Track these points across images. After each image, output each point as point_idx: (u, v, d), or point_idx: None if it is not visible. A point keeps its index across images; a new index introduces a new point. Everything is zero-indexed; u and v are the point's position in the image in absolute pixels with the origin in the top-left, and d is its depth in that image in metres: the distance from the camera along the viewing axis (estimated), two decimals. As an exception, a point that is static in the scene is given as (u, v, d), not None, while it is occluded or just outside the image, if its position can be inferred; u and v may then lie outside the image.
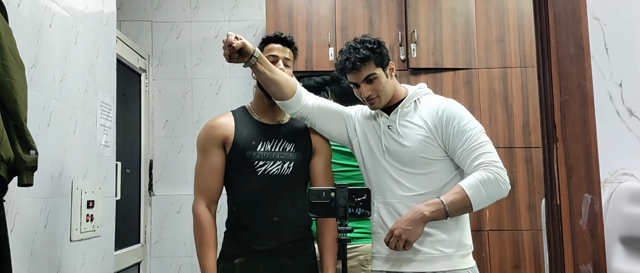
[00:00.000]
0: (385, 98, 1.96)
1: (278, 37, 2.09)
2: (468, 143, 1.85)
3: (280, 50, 2.07)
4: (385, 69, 1.96)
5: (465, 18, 3.23)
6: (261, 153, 1.97)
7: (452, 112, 1.91)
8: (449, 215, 1.80)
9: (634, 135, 1.39)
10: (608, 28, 1.41)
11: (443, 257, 1.87)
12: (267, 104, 2.05)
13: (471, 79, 3.19)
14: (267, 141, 1.99)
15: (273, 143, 1.99)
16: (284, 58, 2.06)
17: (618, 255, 1.32)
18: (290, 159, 1.99)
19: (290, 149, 2.00)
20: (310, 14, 3.29)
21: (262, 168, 1.96)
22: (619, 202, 1.35)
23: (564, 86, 1.38)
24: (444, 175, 1.90)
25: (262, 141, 1.98)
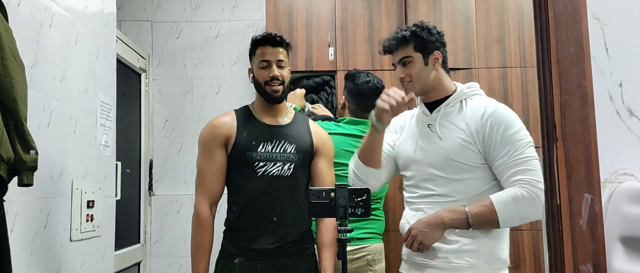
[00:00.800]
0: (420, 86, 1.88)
1: (267, 39, 2.03)
2: (510, 155, 1.72)
3: (271, 53, 2.02)
4: (427, 56, 1.88)
5: (465, 18, 3.23)
6: (261, 154, 1.96)
7: (499, 118, 1.78)
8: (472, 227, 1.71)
9: (634, 135, 1.39)
10: (608, 28, 1.41)
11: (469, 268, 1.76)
12: (267, 104, 2.04)
13: (471, 78, 3.18)
14: (267, 142, 1.98)
15: (274, 144, 1.99)
16: (277, 61, 2.02)
17: (618, 255, 1.32)
18: (291, 160, 1.99)
19: (291, 151, 2.00)
20: (310, 14, 3.29)
21: (262, 169, 1.96)
22: (619, 202, 1.35)
23: (564, 86, 1.37)
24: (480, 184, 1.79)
25: (262, 142, 1.98)
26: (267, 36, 2.03)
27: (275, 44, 2.03)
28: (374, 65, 3.22)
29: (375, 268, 2.45)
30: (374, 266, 2.45)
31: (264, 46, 2.03)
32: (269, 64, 2.01)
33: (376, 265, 2.46)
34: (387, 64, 3.22)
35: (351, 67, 3.20)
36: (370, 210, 1.65)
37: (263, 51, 2.02)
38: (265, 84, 2.01)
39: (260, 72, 2.02)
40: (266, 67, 2.01)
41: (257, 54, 2.04)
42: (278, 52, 2.03)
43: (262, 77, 2.02)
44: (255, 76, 2.05)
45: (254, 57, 2.06)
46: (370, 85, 2.60)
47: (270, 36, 2.03)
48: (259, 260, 1.96)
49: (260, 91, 2.05)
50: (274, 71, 2.00)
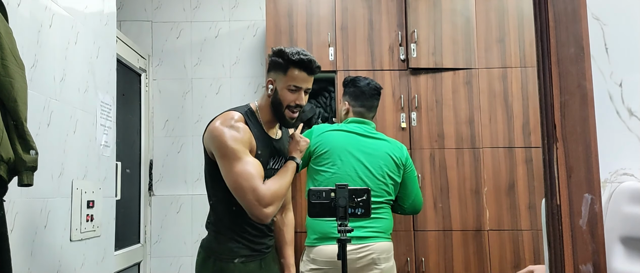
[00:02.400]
0: None
1: (307, 66, 1.92)
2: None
3: (305, 81, 1.94)
4: None
5: (465, 18, 3.23)
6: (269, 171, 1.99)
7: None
8: None
9: (634, 135, 1.39)
10: (608, 28, 1.41)
11: None
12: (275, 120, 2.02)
13: (471, 79, 3.19)
14: (273, 158, 2.02)
15: (275, 160, 2.03)
16: (306, 89, 1.96)
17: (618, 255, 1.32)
18: None
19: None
20: (310, 14, 3.29)
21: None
22: (619, 202, 1.35)
23: (564, 86, 1.37)
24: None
25: (270, 159, 2.01)
26: (307, 63, 1.92)
27: (311, 73, 1.95)
28: (374, 65, 3.22)
29: (381, 267, 2.45)
30: (380, 265, 2.45)
31: (300, 70, 1.93)
32: (299, 90, 1.94)
33: (382, 264, 2.46)
34: (387, 64, 3.22)
35: (351, 68, 3.20)
36: (370, 210, 1.65)
37: (297, 75, 1.92)
38: (286, 108, 1.95)
39: (287, 95, 1.94)
40: (294, 92, 1.94)
41: (288, 74, 1.93)
42: (311, 80, 1.97)
43: (286, 100, 1.94)
44: (279, 95, 1.95)
45: (283, 75, 1.94)
46: (371, 86, 2.68)
47: (312, 65, 1.93)
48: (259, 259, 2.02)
49: (277, 110, 1.96)
50: (302, 100, 1.95)
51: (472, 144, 3.14)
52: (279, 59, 1.95)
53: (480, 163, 3.12)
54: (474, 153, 3.13)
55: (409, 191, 2.65)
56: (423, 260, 3.05)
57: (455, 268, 3.05)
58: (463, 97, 3.17)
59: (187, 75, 3.73)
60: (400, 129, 3.16)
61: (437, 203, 3.11)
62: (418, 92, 3.19)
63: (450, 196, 3.11)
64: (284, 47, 1.96)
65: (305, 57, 1.91)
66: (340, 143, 2.54)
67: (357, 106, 2.66)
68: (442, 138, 3.15)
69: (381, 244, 2.47)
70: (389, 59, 3.23)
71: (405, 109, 3.17)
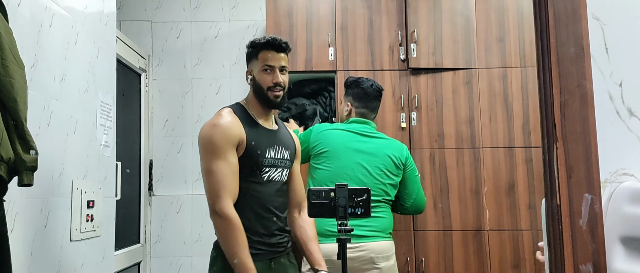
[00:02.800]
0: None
1: (272, 44, 1.99)
2: None
3: (275, 59, 2.00)
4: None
5: (465, 18, 3.23)
6: (268, 159, 2.00)
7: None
8: None
9: (634, 135, 1.39)
10: (608, 28, 1.41)
11: None
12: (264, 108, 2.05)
13: (471, 79, 3.19)
14: (270, 148, 2.02)
15: (275, 150, 2.03)
16: (280, 67, 2.01)
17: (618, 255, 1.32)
18: (287, 166, 2.08)
19: (287, 157, 2.07)
20: (310, 14, 3.29)
21: (266, 174, 2.00)
22: (619, 202, 1.35)
23: (564, 86, 1.37)
24: None
25: (268, 148, 2.01)
26: (272, 41, 1.99)
27: (280, 49, 2.00)
28: (374, 65, 3.22)
29: (380, 266, 2.45)
30: (379, 264, 2.45)
31: (268, 50, 1.99)
32: (273, 69, 1.99)
33: (381, 262, 2.46)
34: (387, 64, 3.22)
35: (351, 68, 3.20)
36: (370, 210, 1.65)
37: (266, 56, 1.99)
38: (267, 90, 2.00)
39: (263, 77, 2.00)
40: (269, 73, 1.99)
41: (259, 57, 2.01)
42: (282, 58, 2.01)
43: (264, 82, 2.00)
44: (257, 80, 2.02)
45: (255, 61, 2.03)
46: (374, 87, 2.71)
47: (276, 42, 1.99)
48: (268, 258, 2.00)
49: (260, 95, 2.02)
50: (278, 78, 1.99)
51: (472, 144, 3.14)
52: (250, 49, 2.04)
53: (480, 163, 3.12)
54: (474, 153, 3.13)
55: (410, 190, 2.65)
56: (423, 260, 3.05)
57: (455, 268, 3.05)
58: (463, 97, 3.17)
59: (187, 75, 3.73)
60: (400, 129, 3.16)
61: (437, 203, 3.11)
62: (418, 92, 3.19)
63: (450, 196, 3.11)
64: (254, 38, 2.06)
65: (271, 37, 1.99)
66: (340, 141, 2.55)
67: (360, 107, 2.67)
68: (442, 138, 3.15)
69: (379, 243, 2.46)
70: (389, 59, 3.22)
71: (405, 109, 3.17)
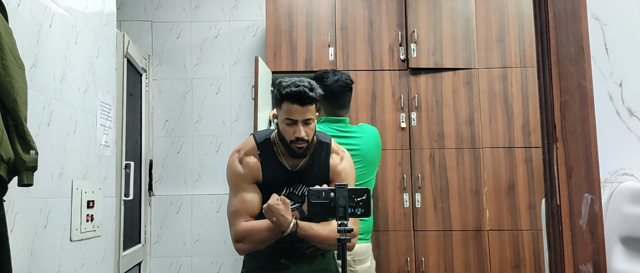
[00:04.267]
0: None
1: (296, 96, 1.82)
2: None
3: (299, 112, 1.84)
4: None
5: (465, 18, 3.23)
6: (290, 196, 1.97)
7: None
8: None
9: (634, 135, 1.39)
10: (608, 28, 1.41)
11: None
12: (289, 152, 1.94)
13: (471, 79, 3.19)
14: (289, 187, 1.97)
15: (295, 187, 1.98)
16: (303, 121, 1.86)
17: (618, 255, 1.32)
18: None
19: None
20: (310, 14, 3.29)
21: None
22: (619, 202, 1.35)
23: (564, 86, 1.37)
24: None
25: (285, 187, 1.97)
26: (297, 93, 1.81)
27: (304, 103, 1.83)
28: (374, 65, 3.22)
29: (355, 269, 2.45)
30: (355, 266, 2.45)
31: (292, 103, 1.83)
32: (296, 122, 1.86)
33: (358, 265, 2.46)
34: (387, 64, 3.22)
35: (351, 68, 3.21)
36: (370, 210, 1.65)
37: (290, 109, 1.84)
38: (290, 142, 1.89)
39: (286, 129, 1.88)
40: (292, 125, 1.87)
41: (283, 108, 1.87)
42: (307, 111, 1.85)
43: (287, 134, 1.88)
44: (281, 130, 1.92)
45: (279, 109, 1.90)
46: (340, 83, 2.56)
47: (301, 95, 1.82)
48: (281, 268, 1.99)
49: (284, 144, 1.92)
50: (301, 132, 1.85)
51: (472, 144, 3.14)
52: (276, 93, 1.91)
53: (480, 163, 3.12)
54: (474, 153, 3.13)
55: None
56: (423, 260, 3.05)
57: (455, 268, 3.05)
58: (463, 97, 3.17)
59: (187, 75, 3.73)
60: (400, 129, 3.16)
61: (437, 203, 3.11)
62: (418, 92, 3.19)
63: (450, 196, 3.11)
64: (283, 80, 1.89)
65: (296, 89, 1.82)
66: None
67: (326, 105, 2.55)
68: (442, 138, 3.15)
69: (359, 246, 2.46)
70: (389, 59, 3.23)
71: (405, 109, 3.17)
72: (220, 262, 3.58)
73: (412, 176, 3.13)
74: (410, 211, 3.10)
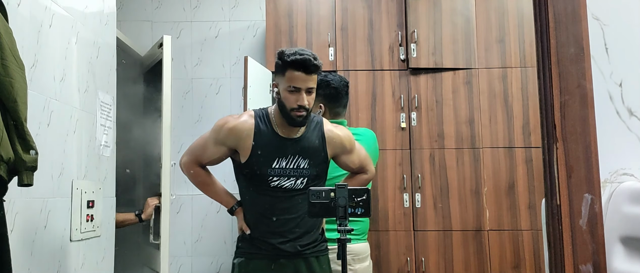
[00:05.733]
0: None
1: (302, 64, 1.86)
2: None
3: (304, 80, 1.88)
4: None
5: (465, 18, 3.23)
6: (276, 170, 1.97)
7: None
8: None
9: (634, 135, 1.39)
10: (608, 28, 1.41)
11: None
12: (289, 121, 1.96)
13: (471, 79, 3.19)
14: (282, 158, 1.97)
15: (288, 159, 1.97)
16: (307, 89, 1.90)
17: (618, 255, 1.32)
18: (304, 175, 2.00)
19: (304, 166, 1.99)
20: (310, 14, 3.29)
21: (275, 182, 1.97)
22: (619, 202, 1.35)
23: (564, 86, 1.38)
24: None
25: (277, 158, 1.97)
26: (302, 61, 1.85)
27: (309, 71, 1.88)
28: (374, 65, 3.22)
29: (355, 267, 2.45)
30: (354, 265, 2.45)
31: (296, 70, 1.87)
32: (299, 91, 1.89)
33: (356, 264, 2.46)
34: (387, 64, 3.22)
35: (351, 68, 3.21)
36: (370, 210, 1.65)
37: (294, 76, 1.87)
38: (291, 110, 1.91)
39: (288, 97, 1.91)
40: (294, 93, 1.89)
41: (286, 76, 1.90)
42: (310, 79, 1.89)
43: (289, 102, 1.91)
44: (282, 98, 1.94)
45: (282, 77, 1.93)
46: (343, 83, 2.58)
47: (306, 63, 1.86)
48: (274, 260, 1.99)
49: (283, 112, 1.94)
50: (304, 100, 1.89)
51: (472, 144, 3.14)
52: (279, 61, 1.93)
53: (480, 163, 3.12)
54: (474, 153, 3.13)
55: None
56: (423, 260, 3.05)
57: (455, 268, 3.05)
58: (463, 97, 3.17)
59: (187, 75, 3.73)
60: (400, 129, 3.16)
61: (437, 203, 3.11)
62: (418, 92, 3.19)
63: (450, 196, 3.11)
64: (285, 49, 1.93)
65: (301, 57, 1.86)
66: None
67: (334, 107, 2.55)
68: (442, 138, 3.15)
69: (355, 246, 2.46)
70: (389, 59, 3.23)
71: (405, 109, 3.17)
72: (220, 262, 3.59)
73: (412, 176, 3.13)
74: (410, 211, 3.10)
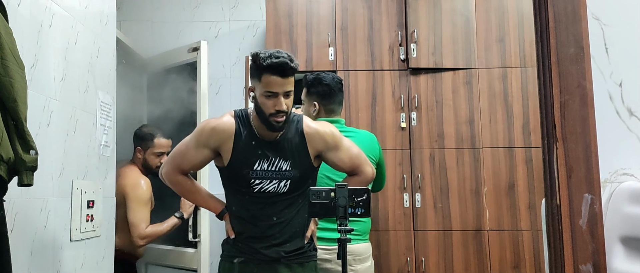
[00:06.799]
0: None
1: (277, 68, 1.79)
2: None
3: (279, 84, 1.81)
4: None
5: (465, 18, 3.23)
6: (258, 172, 1.94)
7: None
8: None
9: (634, 135, 1.39)
10: (608, 28, 1.41)
11: None
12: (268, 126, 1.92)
13: (471, 79, 3.19)
14: (263, 160, 1.93)
15: (270, 162, 1.94)
16: (284, 93, 1.84)
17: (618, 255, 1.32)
18: (287, 177, 1.96)
19: (286, 168, 1.95)
20: (310, 14, 3.29)
21: (258, 186, 1.95)
22: (619, 202, 1.35)
23: (564, 86, 1.38)
24: None
25: (258, 160, 1.93)
26: (276, 66, 1.78)
27: (285, 75, 1.81)
28: (374, 65, 3.22)
29: (356, 268, 2.44)
30: (355, 266, 2.44)
31: (272, 74, 1.80)
32: (276, 95, 1.83)
33: (357, 265, 2.45)
34: (387, 64, 3.22)
35: (351, 68, 3.21)
36: (370, 210, 1.65)
37: (270, 80, 1.81)
38: (269, 116, 1.86)
39: (265, 102, 1.85)
40: (272, 98, 1.84)
41: (263, 81, 1.83)
42: (286, 83, 1.82)
43: (266, 107, 1.85)
44: (259, 103, 1.88)
45: (258, 82, 1.86)
46: (336, 80, 2.57)
47: (281, 67, 1.79)
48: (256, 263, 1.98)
49: (262, 118, 1.89)
50: (281, 105, 1.83)
51: (472, 144, 3.14)
52: (253, 64, 1.87)
53: (480, 163, 3.12)
54: (474, 153, 3.13)
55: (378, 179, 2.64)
56: (423, 260, 3.05)
57: (455, 268, 3.05)
58: (463, 98, 3.17)
59: (187, 75, 3.73)
60: (400, 129, 3.16)
61: (437, 203, 3.11)
62: (418, 92, 3.19)
63: (450, 196, 3.11)
64: (259, 51, 1.86)
65: (276, 60, 1.79)
66: None
67: (328, 104, 2.54)
68: (442, 138, 3.15)
69: (357, 246, 2.45)
70: (389, 59, 3.23)
71: (405, 109, 3.17)
72: (220, 262, 3.58)
73: (412, 176, 3.13)
74: (410, 211, 3.10)
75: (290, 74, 1.83)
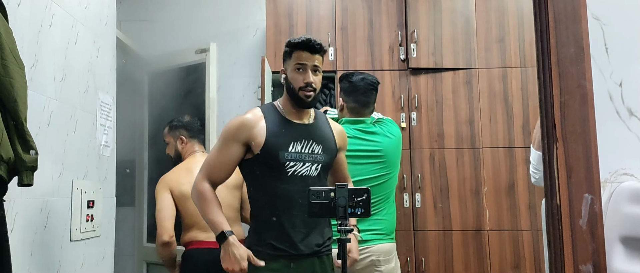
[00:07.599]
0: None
1: (306, 44, 2.01)
2: None
3: (308, 58, 2.01)
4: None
5: (465, 18, 3.23)
6: (292, 154, 1.98)
7: None
8: None
9: (634, 135, 1.39)
10: (608, 28, 1.41)
11: None
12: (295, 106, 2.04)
13: (471, 79, 3.19)
14: (297, 142, 2.00)
15: (303, 144, 2.00)
16: (313, 66, 2.01)
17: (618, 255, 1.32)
18: (318, 161, 2.02)
19: (319, 152, 2.03)
20: (310, 14, 3.29)
21: (292, 169, 1.96)
22: (619, 202, 1.35)
23: (564, 86, 1.38)
24: None
25: (292, 142, 1.99)
26: (306, 42, 2.01)
27: (314, 51, 2.01)
28: (374, 65, 3.22)
29: (381, 268, 2.44)
30: (380, 267, 2.43)
31: (302, 50, 2.01)
32: (305, 68, 2.00)
33: (382, 265, 2.44)
34: (387, 64, 3.22)
35: (351, 68, 3.21)
36: (370, 210, 1.65)
37: (300, 55, 2.01)
38: (299, 90, 2.00)
39: (295, 76, 2.01)
40: (301, 72, 2.00)
41: (293, 57, 2.02)
42: (315, 58, 2.01)
43: (296, 81, 2.01)
44: (290, 79, 2.03)
45: (289, 60, 2.05)
46: (366, 81, 2.60)
47: (310, 42, 2.01)
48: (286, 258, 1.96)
49: (292, 94, 2.03)
50: (309, 78, 1.99)
51: (472, 144, 3.14)
52: (286, 48, 2.06)
53: (480, 163, 3.12)
54: (474, 153, 3.13)
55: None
56: (423, 260, 3.05)
57: (455, 268, 3.05)
58: (463, 98, 3.17)
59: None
60: (400, 129, 3.16)
61: (437, 203, 3.11)
62: (418, 92, 3.19)
63: (450, 196, 3.11)
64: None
65: (306, 38, 2.01)
66: None
67: (350, 102, 2.59)
68: (442, 138, 3.15)
69: (381, 246, 2.45)
70: (389, 59, 3.23)
71: (405, 109, 3.17)
72: (220, 262, 3.58)
73: (412, 176, 3.13)
74: (410, 211, 3.10)
75: (318, 51, 2.02)
